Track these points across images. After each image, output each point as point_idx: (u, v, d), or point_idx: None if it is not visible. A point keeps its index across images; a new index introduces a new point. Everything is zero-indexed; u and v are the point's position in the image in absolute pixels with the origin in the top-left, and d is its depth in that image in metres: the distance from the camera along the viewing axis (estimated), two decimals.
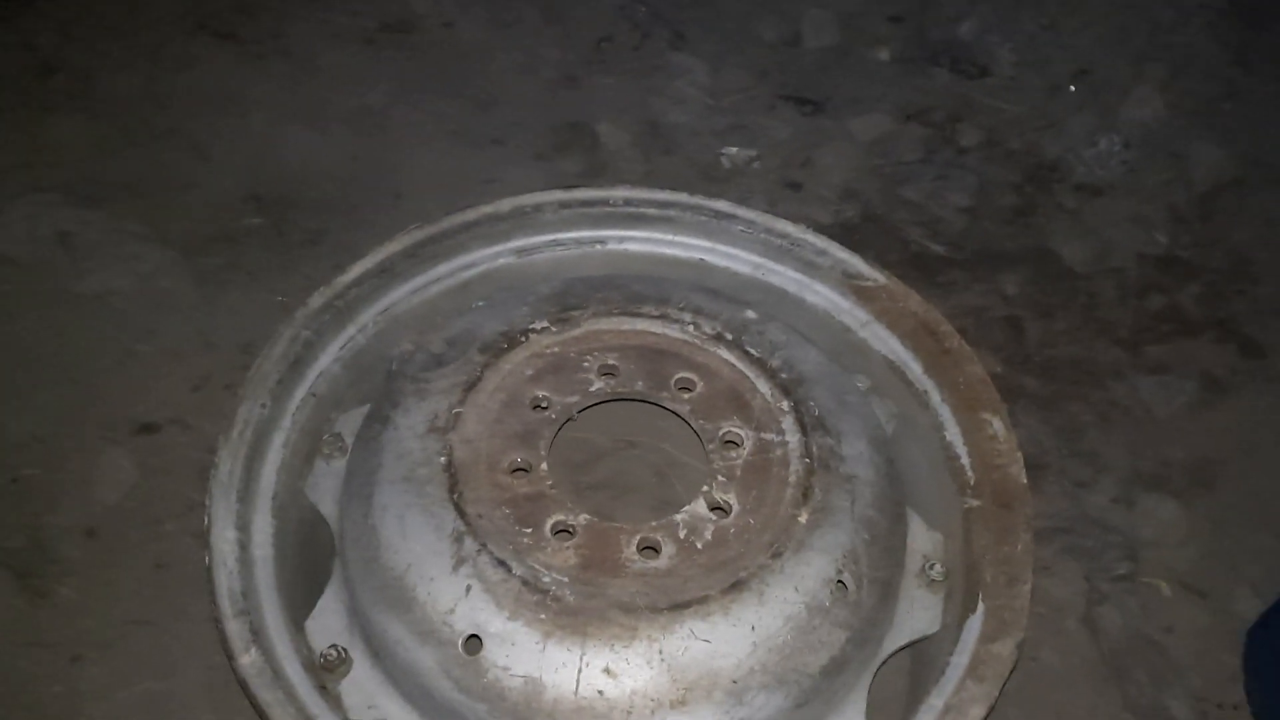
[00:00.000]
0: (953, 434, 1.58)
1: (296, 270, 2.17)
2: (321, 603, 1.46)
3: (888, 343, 1.69)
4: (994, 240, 2.32)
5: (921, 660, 1.53)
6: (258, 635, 1.31)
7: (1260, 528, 1.88)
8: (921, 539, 1.55)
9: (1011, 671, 1.32)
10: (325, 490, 1.56)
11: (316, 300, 1.62)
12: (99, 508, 1.81)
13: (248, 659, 1.28)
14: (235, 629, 1.30)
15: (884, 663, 1.47)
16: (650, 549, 1.38)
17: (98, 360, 2.01)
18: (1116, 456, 1.96)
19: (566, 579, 1.33)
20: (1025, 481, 1.49)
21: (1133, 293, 2.23)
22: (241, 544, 1.40)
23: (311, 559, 1.53)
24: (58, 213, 2.21)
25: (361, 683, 1.39)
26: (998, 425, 1.55)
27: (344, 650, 1.41)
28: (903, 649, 1.49)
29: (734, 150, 2.44)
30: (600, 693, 1.27)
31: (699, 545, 1.38)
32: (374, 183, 2.35)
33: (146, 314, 2.08)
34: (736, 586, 1.33)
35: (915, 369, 1.65)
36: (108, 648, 1.66)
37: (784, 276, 1.78)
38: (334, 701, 1.36)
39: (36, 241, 2.16)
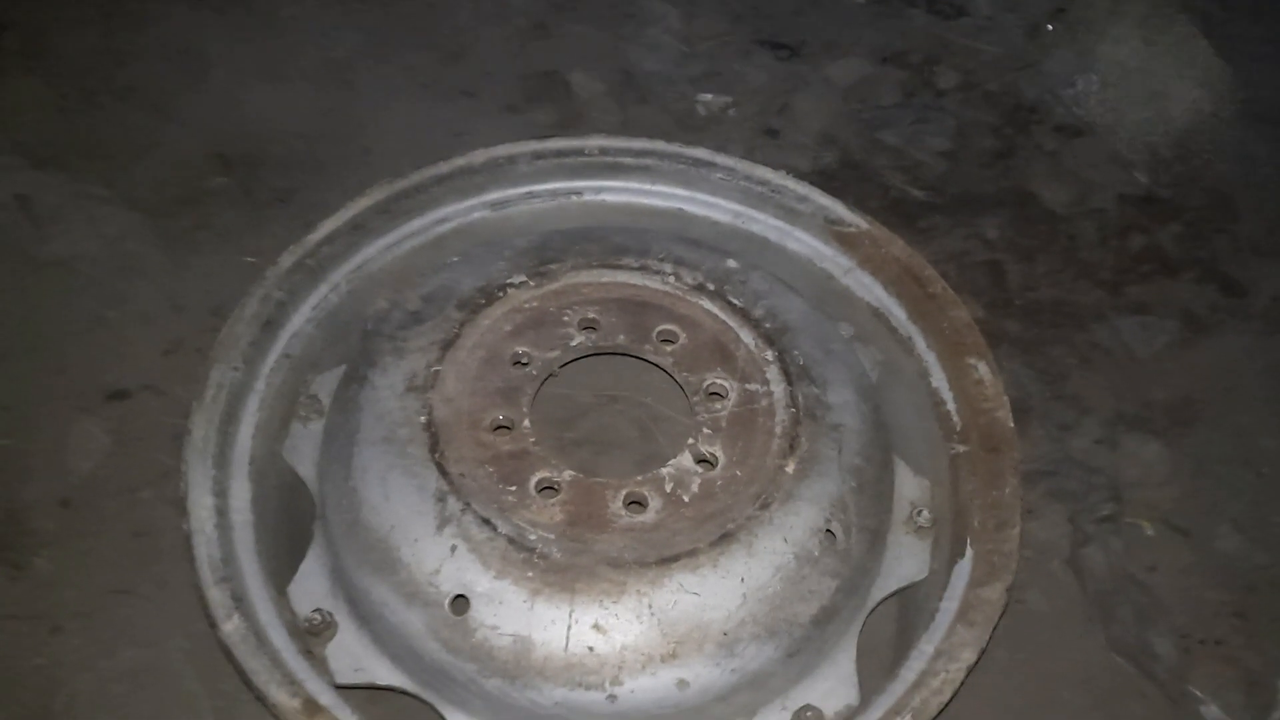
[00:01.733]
0: (938, 380, 1.57)
1: (266, 230, 2.12)
2: (304, 567, 1.44)
3: (871, 289, 1.67)
4: (974, 184, 2.29)
5: (910, 606, 1.53)
6: (240, 602, 1.29)
7: (1241, 465, 1.89)
8: (908, 486, 1.54)
9: (1002, 615, 1.32)
10: (303, 453, 1.53)
11: (287, 260, 1.58)
12: (73, 477, 1.78)
13: (231, 625, 1.26)
14: (217, 596, 1.28)
15: (873, 610, 1.47)
16: (636, 504, 1.37)
17: (65, 327, 1.96)
18: (1099, 398, 1.96)
19: (553, 536, 1.31)
20: (1012, 425, 1.48)
21: (1113, 233, 2.21)
22: (220, 510, 1.37)
23: (291, 523, 1.51)
24: (16, 176, 2.14)
25: (347, 646, 1.38)
26: (984, 370, 1.53)
27: (328, 614, 1.39)
28: (891, 596, 1.49)
29: (709, 97, 2.40)
30: (590, 649, 1.26)
31: (686, 498, 1.36)
32: (342, 138, 2.29)
33: (113, 278, 2.03)
34: (725, 539, 1.32)
35: (899, 315, 1.64)
36: (88, 618, 1.63)
37: (764, 224, 1.76)
38: (320, 665, 1.34)
39: None
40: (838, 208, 1.71)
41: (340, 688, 1.32)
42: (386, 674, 1.36)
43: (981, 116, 2.43)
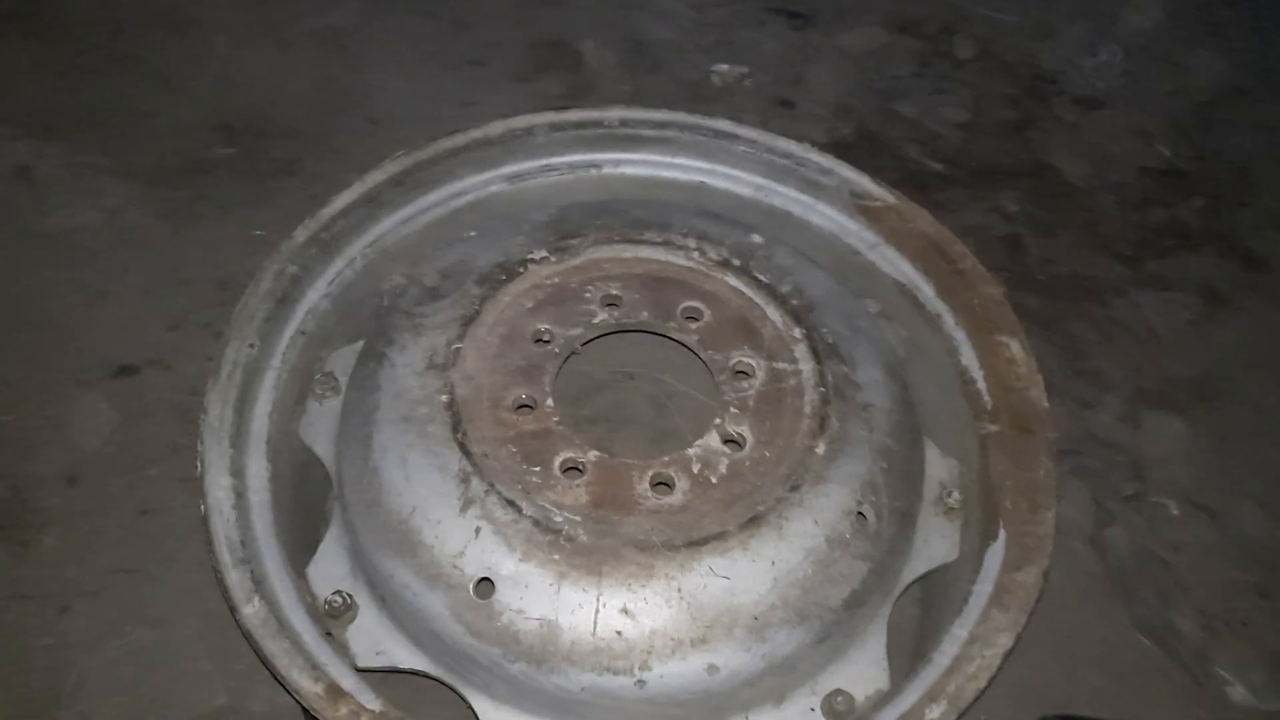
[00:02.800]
0: (968, 358, 1.53)
1: (270, 202, 2.08)
2: (322, 548, 1.41)
3: (898, 265, 1.64)
4: (992, 156, 2.27)
5: (936, 589, 1.50)
6: (259, 584, 1.26)
7: (1264, 442, 1.87)
8: (937, 466, 1.51)
9: (1038, 600, 1.29)
10: (320, 431, 1.50)
11: (301, 234, 1.54)
12: (79, 454, 1.75)
13: (251, 609, 1.23)
14: (236, 578, 1.25)
15: (902, 593, 1.44)
16: (663, 485, 1.34)
17: (68, 301, 1.93)
18: (1120, 375, 1.94)
19: (579, 518, 1.28)
20: (1046, 405, 1.45)
21: (1134, 207, 2.19)
22: (237, 491, 1.34)
23: (308, 503, 1.48)
24: (14, 146, 2.11)
25: (368, 628, 1.35)
26: (1015, 348, 1.50)
27: (348, 596, 1.36)
28: (920, 579, 1.46)
29: (725, 68, 2.36)
30: (619, 633, 1.23)
31: (713, 480, 1.33)
32: (347, 108, 2.26)
33: (116, 251, 2.00)
34: (754, 521, 1.29)
35: (927, 291, 1.60)
36: (96, 597, 1.61)
37: (787, 198, 1.72)
38: (341, 648, 1.32)
39: None
40: (863, 181, 1.68)
41: (362, 671, 1.30)
42: (408, 657, 1.33)
43: (999, 87, 2.40)
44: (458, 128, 1.74)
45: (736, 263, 1.53)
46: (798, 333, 1.46)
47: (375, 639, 1.34)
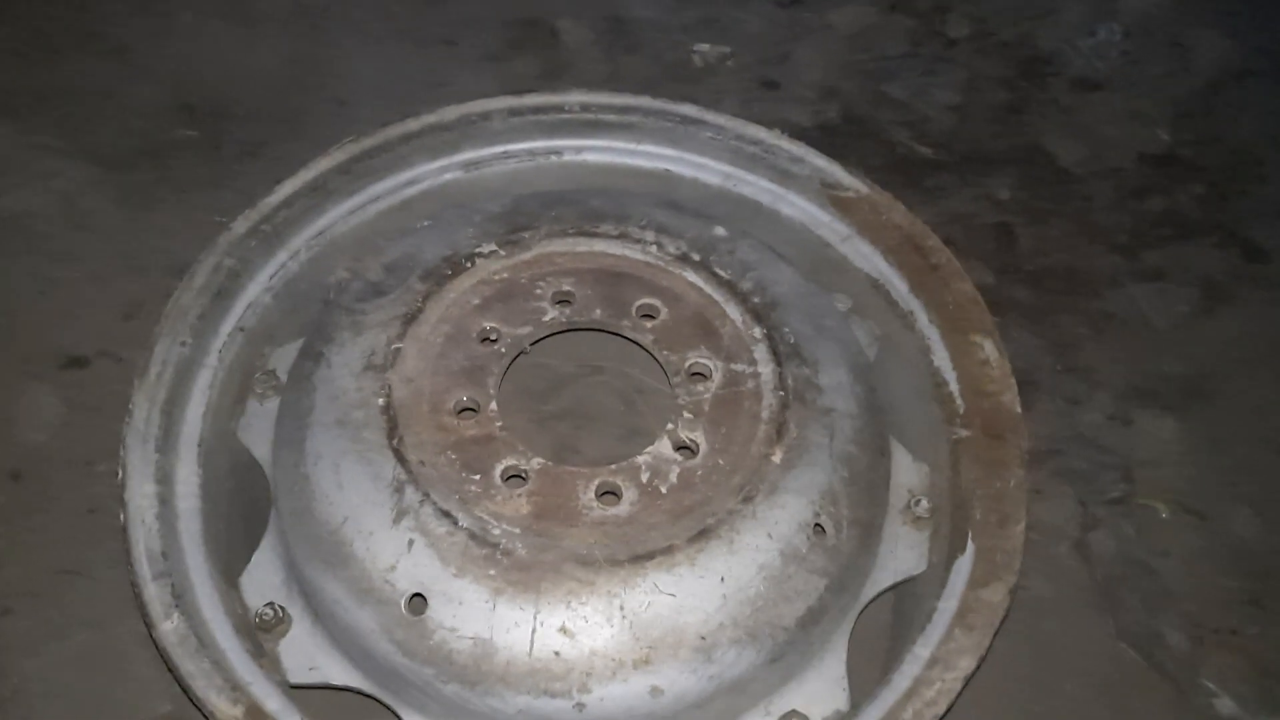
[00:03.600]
0: (940, 358, 1.47)
1: (232, 186, 2.02)
2: (257, 557, 1.35)
3: (870, 259, 1.57)
4: (984, 140, 2.18)
5: (906, 600, 1.45)
6: (180, 599, 1.21)
7: (1261, 444, 1.80)
8: (906, 472, 1.45)
9: (1004, 620, 1.22)
10: (259, 432, 1.44)
11: (241, 225, 1.48)
12: (24, 448, 1.70)
13: (169, 625, 1.17)
14: (154, 592, 1.20)
15: (865, 607, 1.38)
16: (610, 494, 1.28)
17: (16, 288, 1.87)
18: (1111, 371, 1.86)
19: (518, 530, 1.22)
20: (1019, 411, 1.39)
21: (1131, 194, 2.11)
22: (162, 498, 1.28)
23: (247, 507, 1.42)
24: None
25: (301, 642, 1.29)
26: (989, 349, 1.43)
27: (281, 608, 1.30)
28: (887, 591, 1.39)
29: (706, 47, 2.27)
30: (557, 653, 1.18)
31: (663, 489, 1.27)
32: (314, 88, 2.19)
33: (68, 236, 1.94)
34: (704, 534, 1.23)
35: (900, 287, 1.54)
36: (37, 598, 1.56)
37: (756, 187, 1.65)
38: (272, 663, 1.26)
39: None
40: (835, 170, 1.60)
41: (295, 687, 1.24)
42: (342, 674, 1.28)
43: (993, 68, 2.31)
44: (425, 109, 1.67)
45: (696, 257, 1.46)
46: (758, 332, 1.39)
47: (308, 654, 1.29)
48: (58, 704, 1.47)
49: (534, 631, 1.17)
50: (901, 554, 1.40)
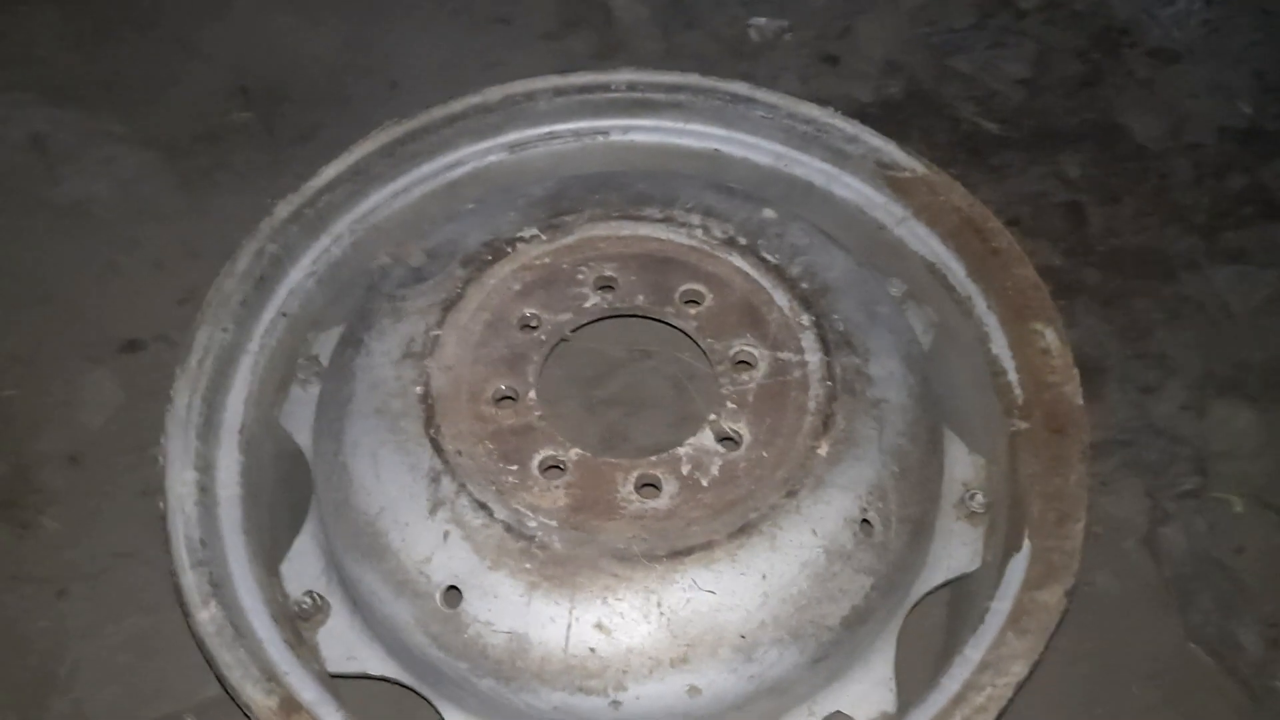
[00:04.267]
0: (999, 346, 1.41)
1: (288, 170, 2.03)
2: (297, 544, 1.36)
3: (927, 242, 1.52)
4: (1055, 116, 2.11)
5: (961, 597, 1.40)
6: (218, 587, 1.21)
7: None
8: (962, 465, 1.41)
9: (1060, 623, 1.17)
10: (302, 419, 1.44)
11: (283, 210, 1.48)
12: (83, 432, 1.74)
13: (205, 614, 1.18)
14: (192, 581, 1.20)
15: (917, 604, 1.34)
16: (650, 486, 1.25)
17: (78, 274, 1.91)
18: (1187, 358, 1.80)
19: (554, 523, 1.20)
20: (1081, 403, 1.32)
21: (1211, 172, 2.03)
22: (202, 486, 1.29)
23: (290, 495, 1.43)
24: (30, 113, 2.10)
25: (340, 632, 1.30)
26: (1051, 337, 1.37)
27: (320, 597, 1.31)
28: (939, 589, 1.35)
29: (763, 21, 2.23)
30: (592, 650, 1.16)
31: (704, 482, 1.24)
32: (368, 70, 2.20)
33: (128, 223, 1.97)
34: (746, 530, 1.19)
35: (958, 271, 1.48)
36: (94, 580, 1.60)
37: (809, 168, 1.60)
38: (310, 652, 1.27)
39: (8, 145, 2.06)
40: (892, 149, 1.55)
41: (334, 676, 1.25)
42: (380, 664, 1.28)
43: (1066, 39, 2.24)
44: (480, 89, 1.66)
45: (744, 241, 1.42)
46: (806, 319, 1.35)
47: (347, 644, 1.29)
48: (110, 687, 1.51)
49: (569, 627, 1.15)
50: (955, 550, 1.36)
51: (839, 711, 1.24)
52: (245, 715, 1.13)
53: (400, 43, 2.23)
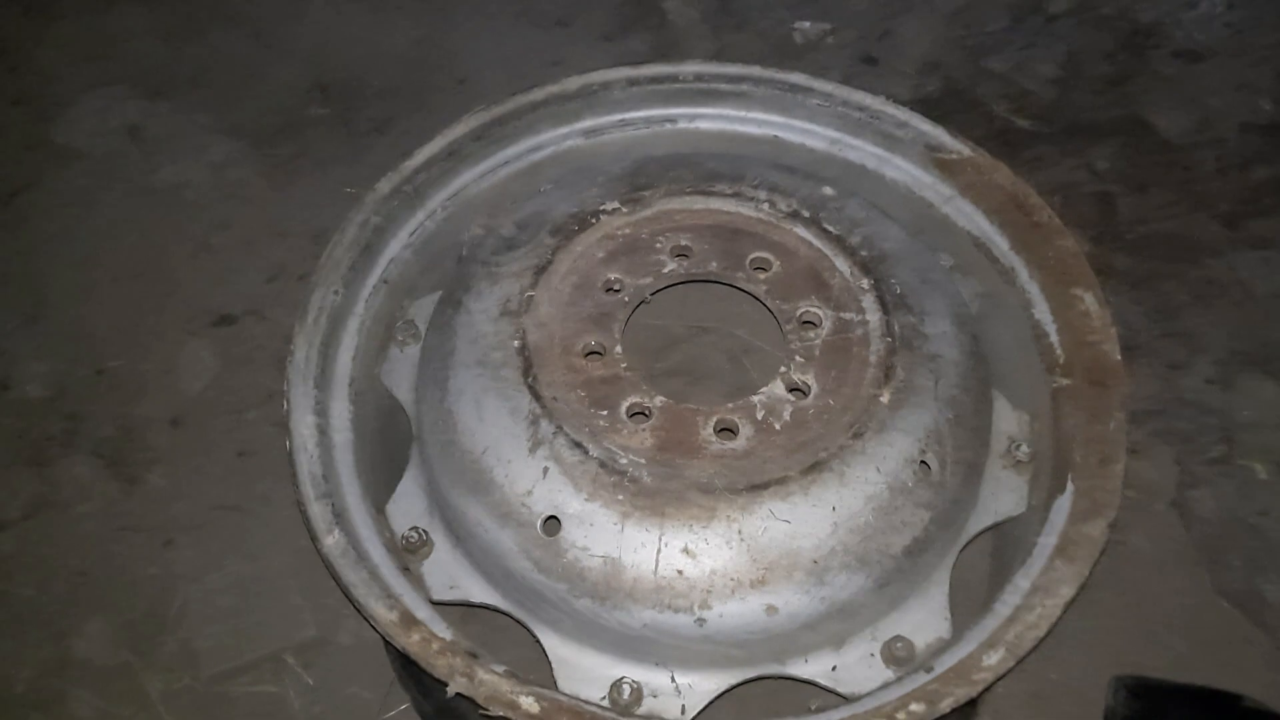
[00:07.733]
0: (1041, 311, 1.51)
1: (363, 160, 2.16)
2: (401, 486, 1.47)
3: (973, 218, 1.61)
4: (1084, 112, 2.20)
5: (1006, 542, 1.50)
6: (340, 517, 1.32)
7: None
8: (1007, 419, 1.50)
9: (1102, 552, 1.28)
10: (400, 376, 1.56)
11: (385, 186, 1.59)
12: (182, 398, 1.86)
13: (332, 540, 1.29)
14: (318, 511, 1.31)
15: (967, 544, 1.44)
16: (727, 430, 1.36)
17: (175, 252, 2.04)
18: (1213, 337, 1.88)
19: (643, 460, 1.31)
20: (1119, 359, 1.42)
21: (1234, 164, 2.11)
22: (320, 429, 1.40)
23: (389, 444, 1.54)
24: (126, 105, 2.22)
25: (443, 563, 1.41)
26: (1090, 301, 1.47)
27: (424, 532, 1.42)
28: (987, 530, 1.46)
29: (807, 25, 2.34)
30: (679, 572, 1.26)
31: (777, 426, 1.35)
32: (437, 67, 2.32)
33: (219, 205, 2.09)
34: (816, 467, 1.30)
35: (1001, 245, 1.58)
36: (197, 531, 1.71)
37: (862, 151, 1.71)
38: (416, 582, 1.38)
39: (107, 135, 2.18)
40: (939, 134, 1.65)
41: (436, 604, 1.35)
42: (480, 592, 1.39)
43: (1095, 41, 2.33)
44: (558, 80, 1.75)
45: (807, 214, 1.54)
46: (865, 283, 1.46)
47: (449, 574, 1.40)
48: (215, 627, 1.61)
49: (659, 552, 1.26)
50: (1002, 496, 1.45)
51: (900, 635, 1.33)
52: (370, 625, 1.25)
53: (467, 42, 2.34)
